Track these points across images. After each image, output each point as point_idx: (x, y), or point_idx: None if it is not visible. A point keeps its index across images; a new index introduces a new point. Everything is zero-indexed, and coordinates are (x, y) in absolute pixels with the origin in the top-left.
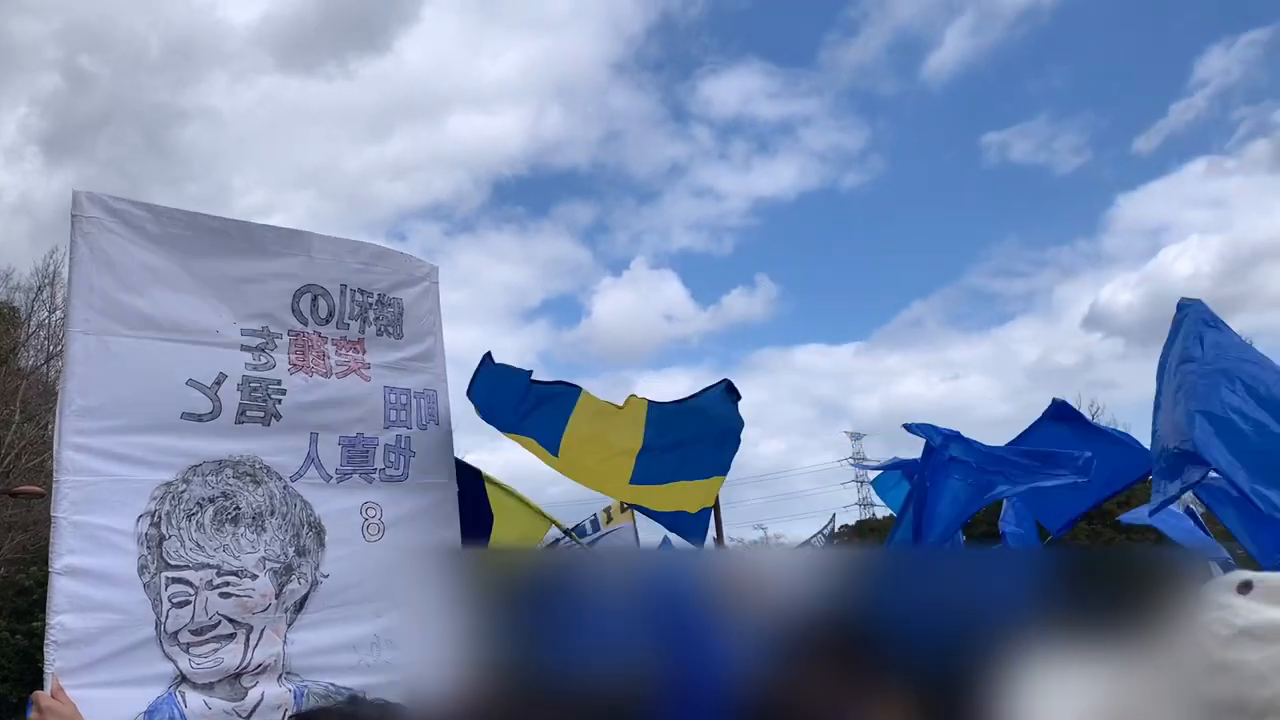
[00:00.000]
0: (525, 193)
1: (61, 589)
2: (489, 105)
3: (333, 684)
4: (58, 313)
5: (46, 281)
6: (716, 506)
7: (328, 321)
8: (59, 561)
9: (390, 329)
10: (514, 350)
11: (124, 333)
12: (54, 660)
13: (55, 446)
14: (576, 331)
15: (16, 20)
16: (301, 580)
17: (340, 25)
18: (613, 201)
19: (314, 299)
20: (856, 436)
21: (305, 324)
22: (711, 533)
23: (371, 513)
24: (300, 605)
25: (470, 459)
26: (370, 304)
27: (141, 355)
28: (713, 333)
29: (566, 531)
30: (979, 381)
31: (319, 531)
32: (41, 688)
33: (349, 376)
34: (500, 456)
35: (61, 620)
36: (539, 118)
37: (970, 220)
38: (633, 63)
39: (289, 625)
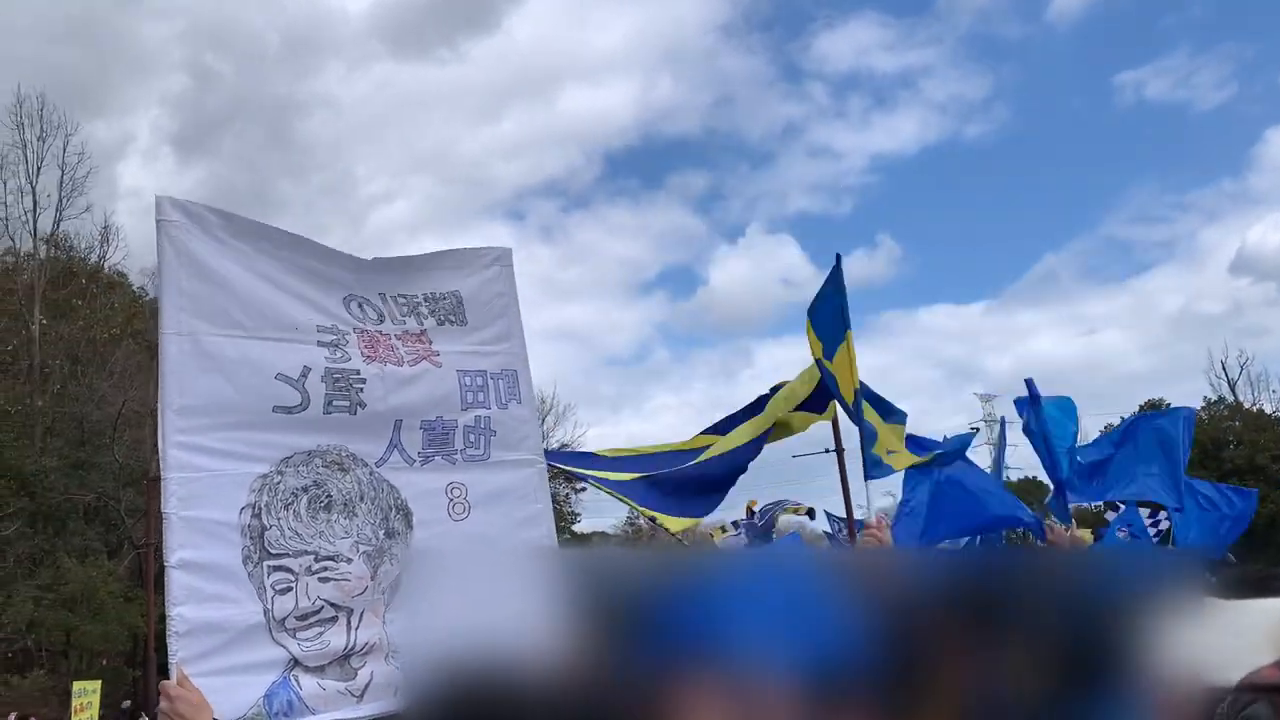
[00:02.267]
0: (638, 164)
1: (177, 581)
2: (598, 78)
3: None
4: None
5: None
6: (843, 474)
7: (381, 322)
8: (173, 556)
9: (451, 318)
10: (632, 323)
11: (213, 332)
12: (177, 650)
13: (160, 445)
14: (693, 301)
15: (146, 24)
16: (394, 562)
17: (449, 6)
18: (726, 168)
19: (360, 304)
20: (987, 398)
21: (363, 325)
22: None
23: (457, 492)
24: (395, 586)
25: (593, 434)
26: (418, 302)
27: (231, 353)
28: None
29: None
30: (1117, 335)
31: (407, 514)
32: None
33: (421, 363)
34: (621, 430)
35: (180, 611)
36: (649, 87)
37: (1104, 166)
38: (742, 23)
39: (386, 606)
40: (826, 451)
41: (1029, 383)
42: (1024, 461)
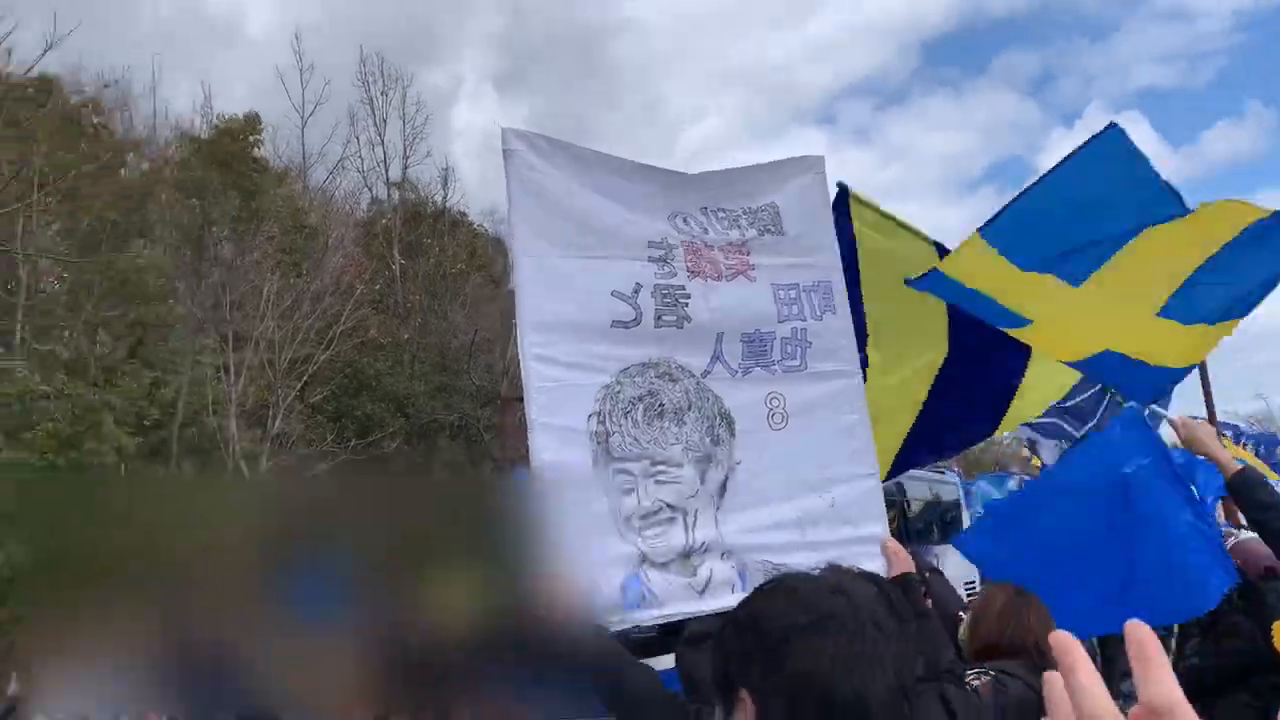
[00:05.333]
0: (958, 51)
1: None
2: None
3: (768, 560)
4: None
5: None
6: (1204, 368)
7: (705, 232)
8: (537, 458)
9: (771, 228)
10: (954, 224)
11: (554, 253)
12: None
13: (521, 359)
14: None
15: None
16: (718, 468)
17: None
18: (1060, 43)
19: (684, 219)
20: None
21: (690, 237)
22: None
23: (775, 402)
24: (722, 490)
25: None
26: (738, 215)
27: (570, 272)
28: (1192, 177)
29: None
30: None
31: (730, 422)
32: None
33: (738, 278)
34: None
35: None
36: None
37: None
38: None
39: (717, 509)
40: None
41: None
42: None
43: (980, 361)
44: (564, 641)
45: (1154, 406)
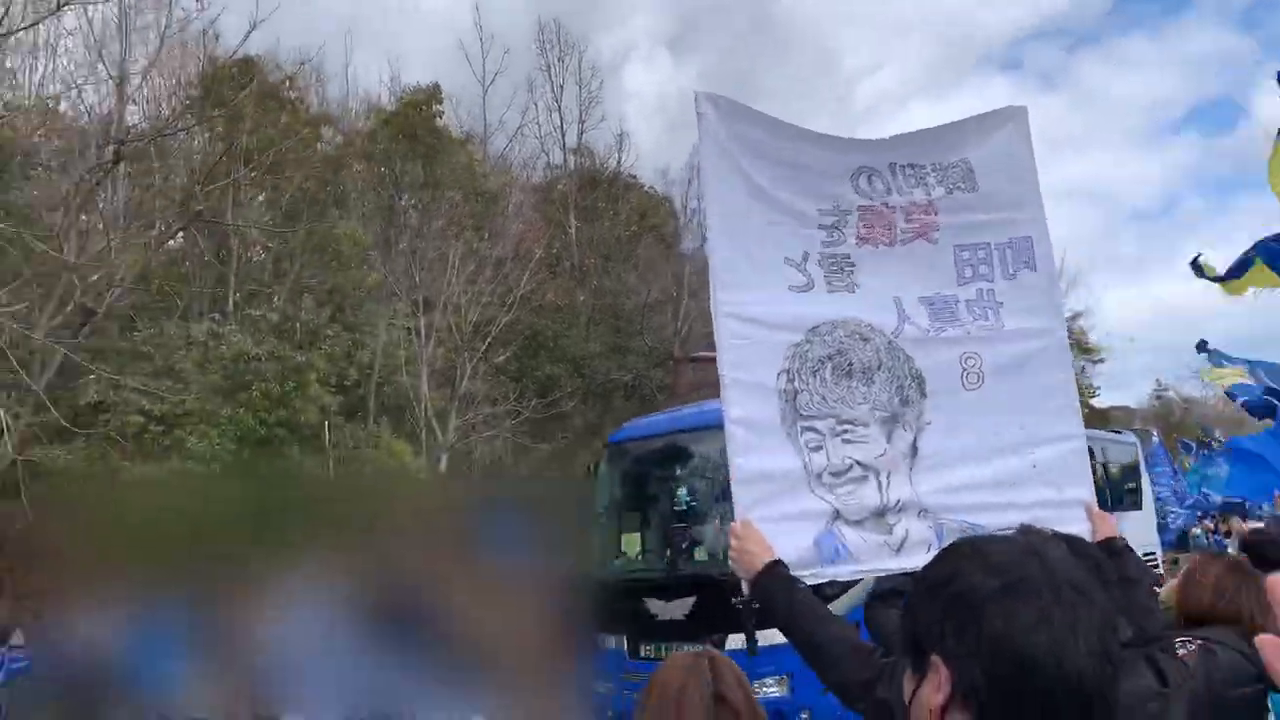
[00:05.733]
0: None
1: (734, 435)
2: None
3: (966, 520)
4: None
5: (695, 174)
6: None
7: (888, 194)
8: (730, 411)
9: (961, 185)
10: (1156, 171)
11: (742, 217)
12: (739, 497)
13: (713, 316)
14: (1232, 139)
15: None
16: (906, 428)
17: None
18: None
19: (869, 178)
20: None
21: (870, 200)
22: None
23: (971, 362)
24: (912, 450)
25: (1111, 298)
26: (925, 172)
27: (755, 236)
28: None
29: None
30: None
31: (920, 382)
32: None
33: (915, 241)
34: (1147, 293)
35: (739, 462)
36: None
37: None
38: None
39: (910, 469)
40: None
41: None
42: None
43: None
44: (758, 593)
45: None
